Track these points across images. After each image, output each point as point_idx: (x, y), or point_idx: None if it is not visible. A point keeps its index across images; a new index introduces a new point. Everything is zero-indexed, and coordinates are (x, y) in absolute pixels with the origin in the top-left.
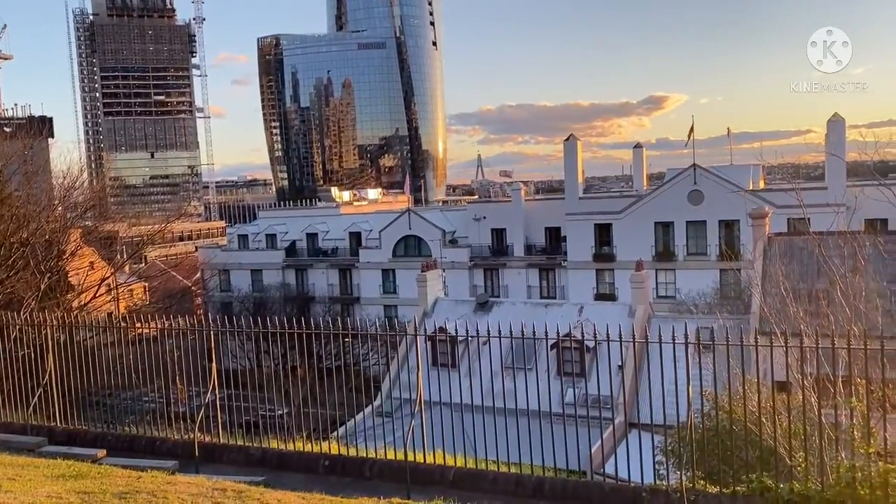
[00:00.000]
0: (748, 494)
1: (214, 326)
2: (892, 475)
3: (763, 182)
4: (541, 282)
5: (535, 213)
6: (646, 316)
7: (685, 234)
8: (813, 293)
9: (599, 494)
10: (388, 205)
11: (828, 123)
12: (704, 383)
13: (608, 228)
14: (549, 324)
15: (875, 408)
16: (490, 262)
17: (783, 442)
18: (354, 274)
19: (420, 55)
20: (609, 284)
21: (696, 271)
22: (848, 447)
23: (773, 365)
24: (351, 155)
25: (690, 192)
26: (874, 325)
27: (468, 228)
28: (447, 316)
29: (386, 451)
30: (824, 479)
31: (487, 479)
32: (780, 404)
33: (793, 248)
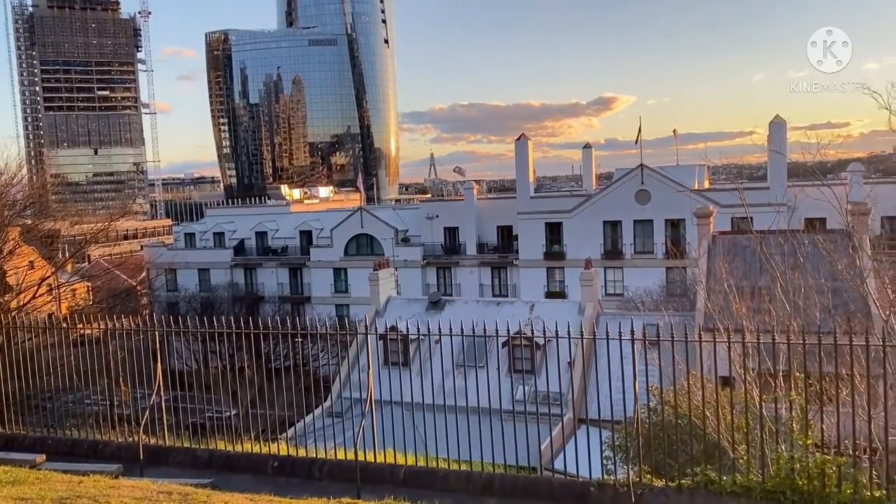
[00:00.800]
0: (693, 487)
1: (160, 327)
2: (829, 466)
3: (708, 182)
4: (493, 280)
5: (487, 211)
6: (595, 313)
7: (633, 232)
8: (755, 290)
9: (549, 490)
10: (339, 203)
11: (770, 125)
12: (652, 379)
13: (559, 227)
14: (500, 322)
15: (813, 401)
16: (443, 261)
17: (726, 435)
18: (305, 273)
19: (372, 53)
20: (560, 282)
21: (643, 269)
22: (787, 439)
23: (716, 360)
24: (302, 153)
25: (638, 192)
26: (813, 320)
27: (421, 227)
28: (399, 315)
29: (336, 451)
30: (765, 471)
31: (438, 476)
32: (723, 399)
33: (736, 246)
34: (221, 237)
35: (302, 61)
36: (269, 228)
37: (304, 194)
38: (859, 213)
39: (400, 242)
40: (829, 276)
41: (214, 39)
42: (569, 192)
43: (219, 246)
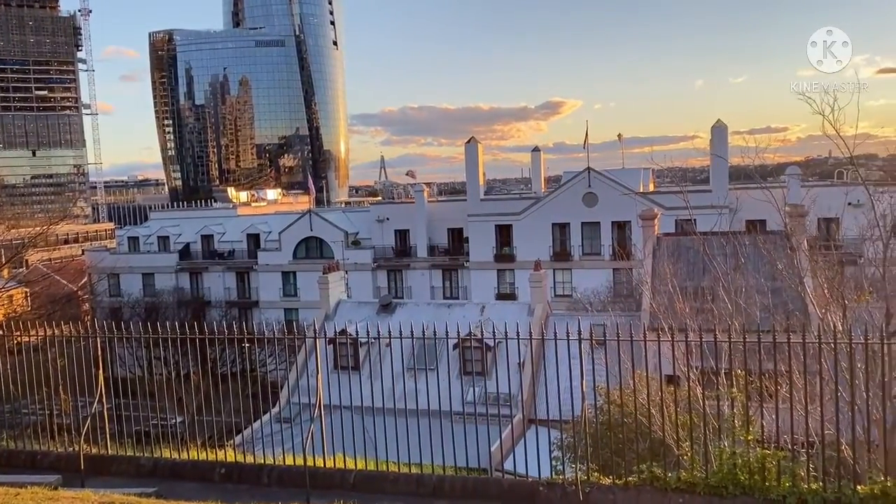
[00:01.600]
0: (639, 484)
1: (102, 333)
2: (769, 460)
3: (653, 185)
4: (444, 282)
5: (438, 214)
6: (544, 314)
7: (581, 234)
8: (698, 290)
9: (498, 490)
10: (288, 206)
11: (712, 129)
12: (600, 378)
13: (509, 229)
14: (452, 324)
15: (753, 397)
16: (393, 264)
17: (671, 433)
18: (253, 277)
19: (320, 54)
20: (510, 284)
21: (591, 270)
22: (730, 435)
23: (660, 359)
24: (249, 154)
25: (585, 195)
26: (753, 319)
27: (371, 230)
28: (350, 318)
29: (284, 456)
30: (708, 467)
31: (388, 480)
32: (668, 397)
33: (680, 247)
34: (166, 241)
35: (249, 62)
36: (215, 232)
37: (252, 197)
38: (797, 214)
39: (350, 245)
40: (769, 276)
41: (158, 39)
42: (518, 195)
43: (163, 250)
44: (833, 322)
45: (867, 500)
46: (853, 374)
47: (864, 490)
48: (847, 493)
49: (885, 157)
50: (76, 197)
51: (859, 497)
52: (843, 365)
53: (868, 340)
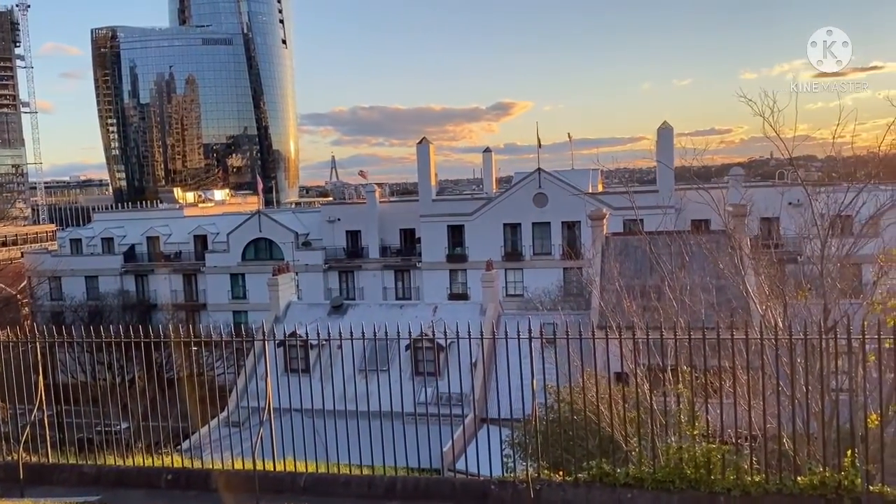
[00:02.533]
0: (589, 481)
1: (42, 337)
2: (714, 454)
3: (601, 185)
4: (396, 283)
5: (389, 214)
6: (496, 314)
7: (531, 234)
8: (645, 289)
9: (450, 490)
10: (236, 206)
11: (658, 131)
12: (551, 377)
13: (460, 230)
14: (404, 324)
15: (699, 393)
16: (345, 265)
17: (620, 429)
18: (200, 279)
19: (269, 53)
20: (462, 284)
21: (542, 270)
22: (676, 431)
23: (608, 357)
24: (196, 154)
25: (536, 195)
26: (698, 316)
27: (322, 230)
28: (300, 320)
29: (233, 461)
30: (656, 462)
31: (339, 482)
32: (616, 394)
33: (628, 246)
34: (110, 243)
35: (196, 60)
36: (161, 233)
37: (199, 198)
38: (738, 214)
39: (300, 246)
40: (714, 274)
41: (101, 36)
42: (470, 196)
43: (107, 252)
44: (774, 318)
45: (807, 490)
46: (793, 369)
47: (804, 481)
48: (788, 484)
49: (824, 158)
50: (15, 198)
51: (799, 487)
52: (784, 360)
53: (807, 336)
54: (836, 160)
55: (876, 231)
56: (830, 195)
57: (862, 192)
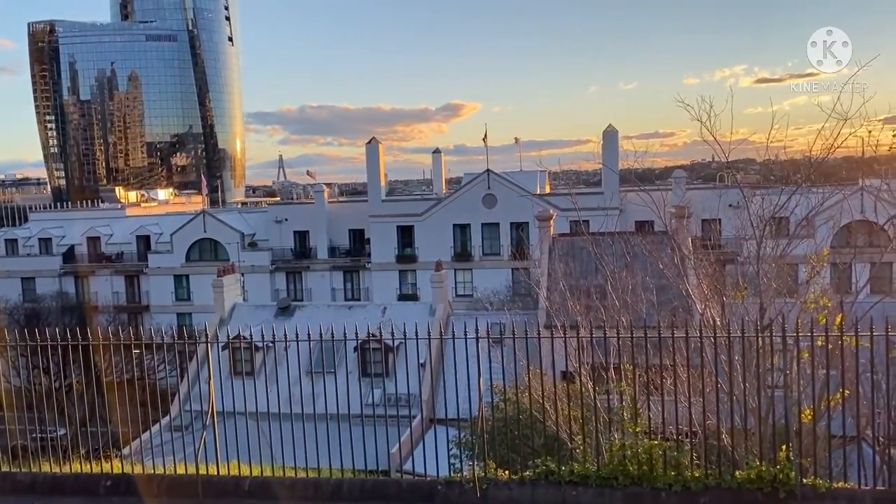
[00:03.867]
0: (534, 479)
1: None
2: (656, 451)
3: (549, 187)
4: (345, 284)
5: (338, 215)
6: (445, 314)
7: (481, 235)
8: (591, 289)
9: (397, 491)
10: (180, 206)
11: (603, 134)
12: (500, 377)
13: (410, 230)
14: (353, 325)
15: (641, 390)
16: (292, 266)
17: (565, 427)
18: (143, 280)
19: (215, 50)
20: (412, 285)
21: (491, 270)
22: (620, 428)
23: (554, 356)
24: (139, 153)
25: (485, 196)
26: (641, 315)
27: (269, 231)
28: (246, 322)
29: (175, 465)
30: (600, 459)
31: (285, 485)
32: (561, 392)
33: (574, 247)
34: (48, 243)
35: (139, 57)
36: (102, 233)
37: (142, 197)
38: (679, 216)
39: (246, 247)
40: (656, 274)
41: (39, 30)
42: (420, 196)
43: (45, 253)
44: (713, 317)
45: (744, 484)
46: (731, 366)
47: (742, 475)
48: (726, 479)
49: (762, 161)
50: None
51: (737, 482)
52: (723, 358)
53: (744, 334)
54: (774, 163)
55: (810, 232)
56: (765, 197)
57: (795, 195)
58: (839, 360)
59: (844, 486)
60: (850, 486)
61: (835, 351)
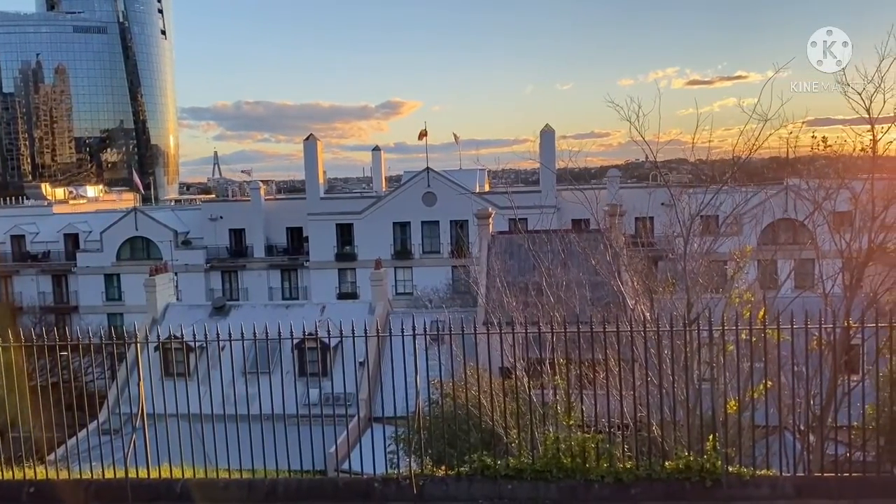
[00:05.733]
0: (471, 474)
1: None
2: (589, 443)
3: (488, 185)
4: (283, 283)
5: (275, 213)
6: (385, 312)
7: (421, 233)
8: (528, 286)
9: (333, 490)
10: (111, 203)
11: (540, 133)
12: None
13: (350, 228)
14: (290, 324)
15: (575, 385)
16: (228, 264)
17: (500, 422)
18: (72, 280)
19: (147, 43)
20: (351, 283)
21: (431, 268)
22: (554, 422)
23: (490, 353)
24: (67, 148)
25: (425, 194)
26: (575, 311)
27: (204, 229)
28: (180, 322)
29: (104, 470)
30: (535, 453)
31: (218, 487)
32: (497, 388)
33: (512, 245)
34: None
35: (66, 49)
36: (27, 231)
37: (69, 194)
38: (612, 214)
39: (180, 245)
40: (591, 271)
41: None
42: (359, 194)
43: None
44: (643, 312)
45: (673, 475)
46: (661, 360)
47: (671, 465)
48: (656, 469)
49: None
50: None
51: (667, 472)
52: (652, 351)
53: (673, 328)
54: (704, 163)
55: (737, 230)
56: (692, 196)
57: (720, 194)
58: (763, 352)
59: (767, 474)
60: (773, 474)
61: (758, 344)
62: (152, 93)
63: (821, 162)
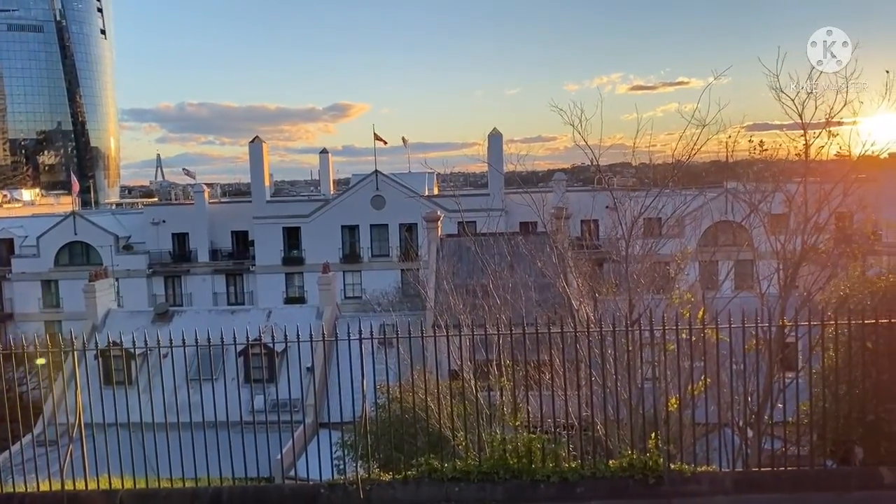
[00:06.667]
0: (418, 477)
1: None
2: (535, 444)
3: (437, 188)
4: (228, 288)
5: (220, 216)
6: (333, 316)
7: (370, 236)
8: (477, 288)
9: (279, 497)
10: (48, 207)
11: (489, 137)
12: (388, 377)
13: (297, 232)
14: (236, 330)
15: (522, 386)
16: (171, 269)
17: (448, 424)
18: (6, 286)
19: (86, 43)
20: (299, 287)
21: (380, 272)
22: (500, 423)
23: (437, 355)
24: (0, 151)
25: (373, 198)
26: (522, 313)
27: (146, 233)
28: (121, 329)
29: (39, 483)
30: (482, 454)
31: (160, 497)
32: (445, 390)
33: (461, 248)
34: None
35: (0, 48)
36: None
37: (3, 198)
38: (559, 217)
39: (121, 250)
40: (538, 273)
41: None
42: (307, 197)
43: None
44: (587, 313)
45: (617, 473)
46: (604, 359)
47: (615, 464)
48: (601, 468)
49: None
50: None
51: (611, 470)
52: (597, 352)
53: (615, 329)
54: (648, 167)
55: (679, 232)
56: (634, 199)
57: (661, 197)
58: (703, 351)
59: (708, 470)
60: (713, 470)
61: (698, 343)
62: (92, 93)
63: (758, 166)
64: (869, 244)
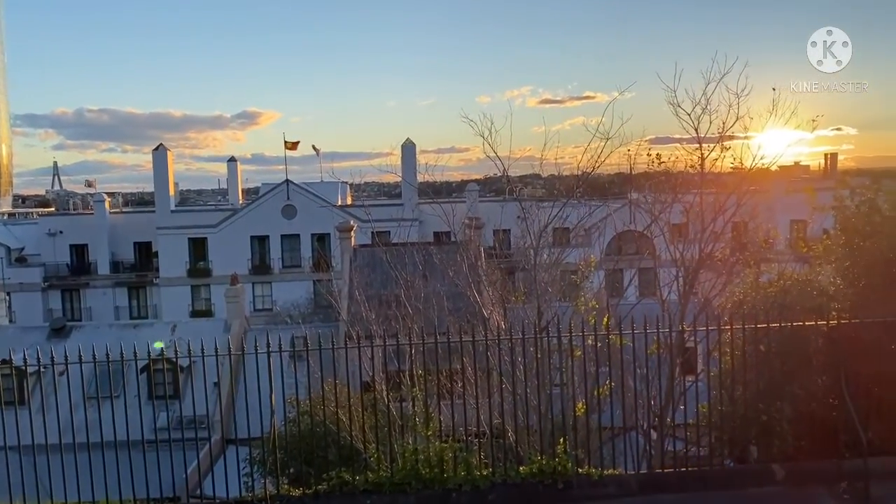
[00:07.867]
0: (329, 491)
1: None
2: (447, 453)
3: (350, 198)
4: (130, 301)
5: (122, 227)
6: (242, 329)
7: (280, 247)
8: (391, 298)
9: None
10: None
11: (402, 147)
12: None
13: (203, 242)
14: (138, 345)
15: (434, 395)
16: (69, 282)
17: (360, 436)
18: None
19: None
20: (206, 300)
21: (291, 283)
22: (413, 433)
23: (348, 366)
24: None
25: (284, 207)
26: (435, 322)
27: (41, 244)
28: (12, 346)
29: None
30: (394, 466)
31: None
32: (357, 402)
33: (375, 258)
34: None
35: None
36: None
37: None
38: (472, 227)
39: (13, 262)
40: (451, 282)
41: None
42: (214, 207)
43: None
44: (498, 321)
45: (528, 478)
46: (514, 367)
47: (525, 470)
48: (512, 475)
49: (546, 176)
50: None
51: (521, 476)
52: (507, 359)
53: (525, 336)
54: (557, 178)
55: (586, 241)
56: (543, 209)
57: (568, 207)
58: (608, 356)
59: (614, 473)
60: (620, 473)
61: (604, 348)
62: None
63: (658, 178)
64: (762, 252)
